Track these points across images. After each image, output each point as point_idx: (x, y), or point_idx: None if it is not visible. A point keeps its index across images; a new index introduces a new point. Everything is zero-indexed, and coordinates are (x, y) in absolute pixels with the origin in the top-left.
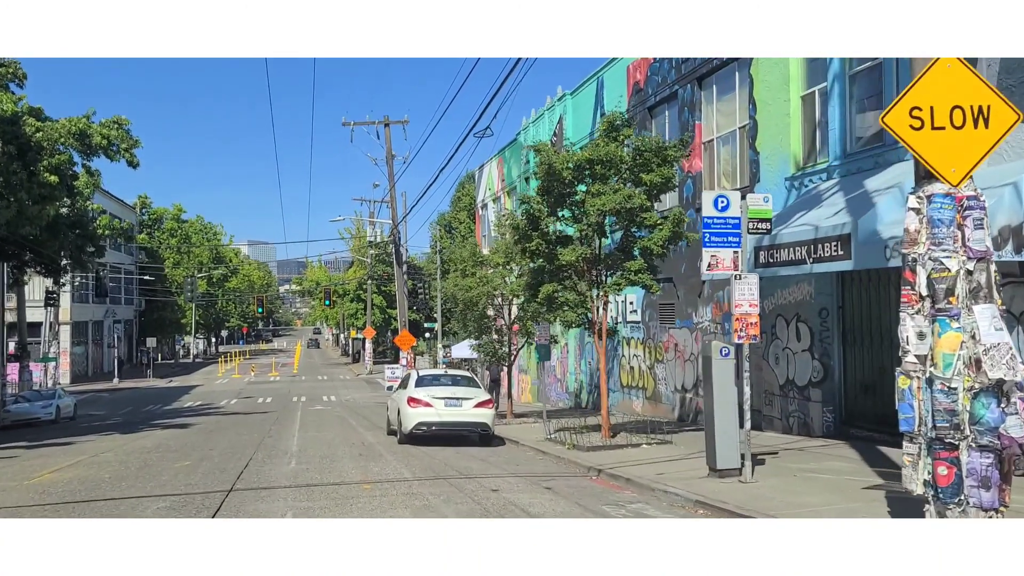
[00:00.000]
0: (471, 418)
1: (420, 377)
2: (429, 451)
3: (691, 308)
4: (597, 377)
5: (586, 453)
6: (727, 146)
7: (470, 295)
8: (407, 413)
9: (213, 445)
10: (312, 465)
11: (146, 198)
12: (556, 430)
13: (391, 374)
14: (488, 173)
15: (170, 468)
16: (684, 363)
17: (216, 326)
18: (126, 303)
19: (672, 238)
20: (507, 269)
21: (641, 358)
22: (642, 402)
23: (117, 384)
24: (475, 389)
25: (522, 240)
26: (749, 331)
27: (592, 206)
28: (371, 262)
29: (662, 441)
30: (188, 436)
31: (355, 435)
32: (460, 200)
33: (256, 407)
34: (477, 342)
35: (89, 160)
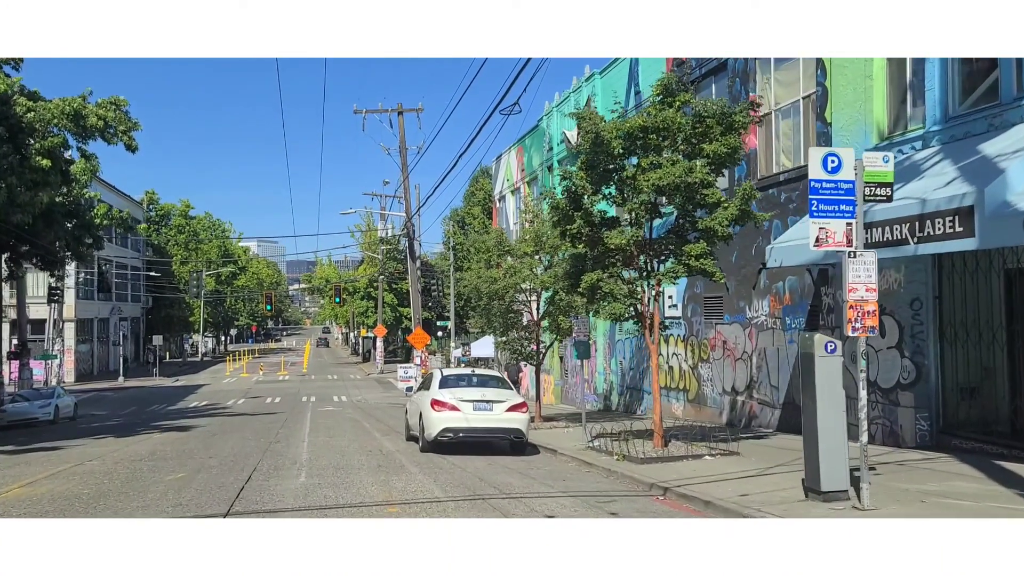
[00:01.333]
0: (503, 423)
1: (444, 377)
2: (457, 461)
3: (744, 301)
4: (629, 377)
5: (641, 466)
6: (787, 120)
7: (496, 287)
8: (431, 418)
9: (214, 452)
10: (325, 479)
11: (153, 194)
12: (595, 436)
13: (404, 373)
14: (506, 163)
15: (160, 482)
16: (735, 362)
17: (225, 324)
18: (133, 300)
19: (740, 218)
20: (536, 259)
21: (682, 357)
22: (683, 405)
23: (122, 383)
24: (506, 391)
25: (562, 222)
26: (866, 322)
27: (646, 181)
28: (382, 259)
29: (726, 451)
30: (188, 441)
31: (370, 441)
32: (474, 195)
33: (264, 408)
34: (502, 339)
35: (85, 143)
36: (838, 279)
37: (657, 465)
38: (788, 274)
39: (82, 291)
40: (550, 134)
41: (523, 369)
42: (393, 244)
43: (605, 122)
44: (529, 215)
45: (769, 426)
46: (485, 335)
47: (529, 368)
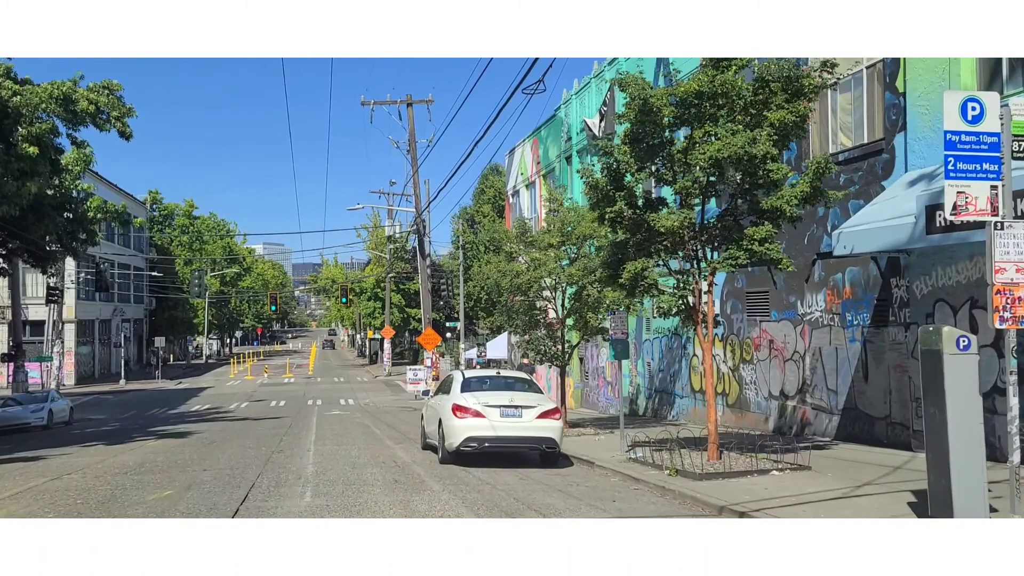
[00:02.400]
0: (534, 432)
1: (466, 379)
2: (483, 476)
3: (795, 296)
4: (659, 379)
5: (700, 483)
6: (845, 93)
7: (519, 281)
8: (452, 425)
9: (209, 463)
10: (334, 499)
11: (157, 193)
12: (632, 445)
13: (413, 376)
14: (520, 157)
15: (142, 502)
16: (784, 363)
17: (230, 326)
18: (136, 302)
19: (811, 196)
20: (562, 251)
21: (720, 358)
22: (722, 410)
23: (123, 386)
24: (536, 394)
25: (601, 203)
26: (1017, 311)
27: (702, 155)
28: (389, 258)
29: (795, 465)
30: (182, 450)
31: (383, 450)
32: (483, 192)
33: (268, 412)
34: (524, 338)
35: (76, 130)
36: (914, 269)
37: (718, 482)
38: (849, 265)
39: (83, 292)
40: (568, 123)
41: (536, 370)
42: (400, 243)
43: (654, 88)
44: (554, 204)
45: (826, 434)
46: (498, 336)
47: (545, 369)
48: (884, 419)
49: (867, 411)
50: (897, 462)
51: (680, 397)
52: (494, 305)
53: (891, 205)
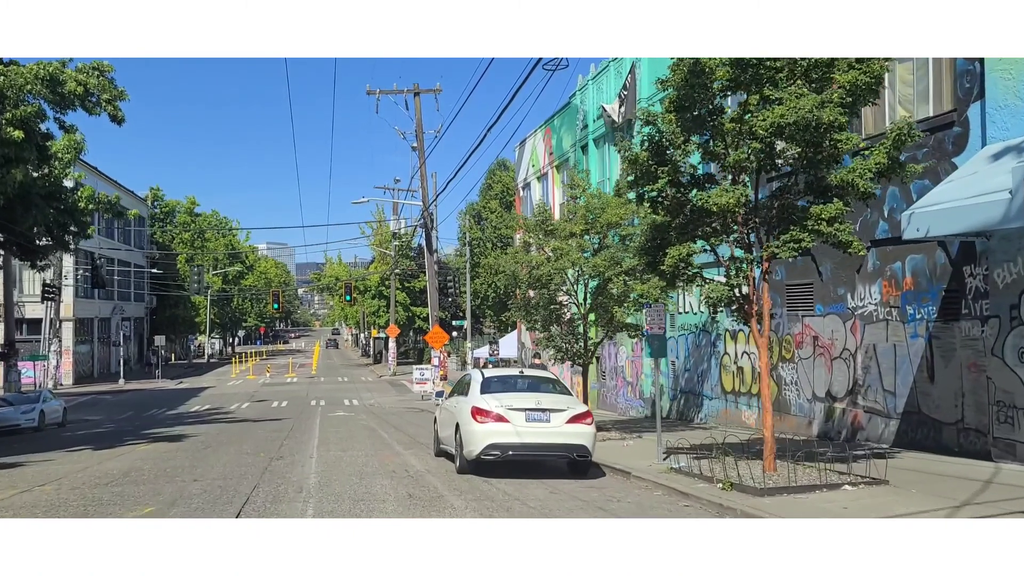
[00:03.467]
0: (564, 439)
1: (486, 380)
2: (508, 488)
3: (844, 288)
4: (685, 379)
5: (762, 500)
6: (906, 63)
7: (540, 273)
8: (472, 431)
9: (201, 472)
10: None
11: (158, 190)
12: (669, 451)
13: (420, 375)
14: (532, 148)
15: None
16: (831, 362)
17: (232, 325)
18: (136, 300)
19: (888, 169)
20: (586, 240)
21: (755, 356)
22: (757, 412)
23: (122, 386)
24: (565, 396)
25: (641, 180)
26: None
27: (762, 121)
28: (395, 255)
29: (869, 479)
30: (174, 455)
31: (392, 456)
32: (491, 188)
33: (269, 412)
34: (544, 335)
35: (64, 113)
36: (996, 254)
37: (784, 499)
38: (910, 252)
39: (81, 289)
40: (584, 110)
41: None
42: (405, 240)
43: None
44: (576, 190)
45: (882, 441)
46: (507, 333)
47: (556, 368)
48: (955, 424)
49: (933, 415)
50: (982, 475)
51: (709, 398)
52: (504, 302)
53: (973, 181)
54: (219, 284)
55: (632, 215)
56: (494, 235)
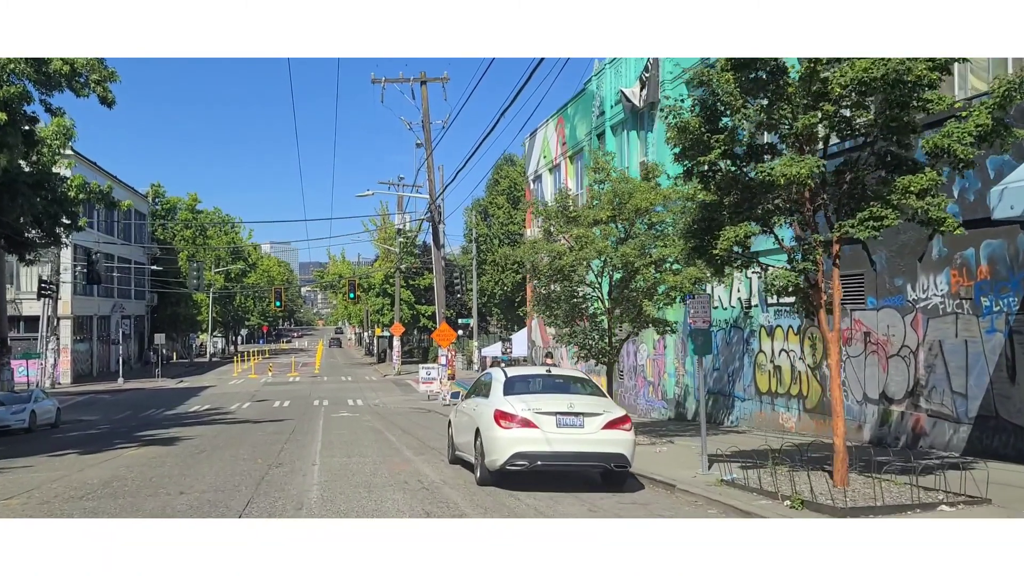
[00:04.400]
0: (600, 447)
1: (510, 379)
2: (539, 504)
3: (903, 278)
4: (713, 379)
5: (842, 523)
6: None
7: (562, 263)
8: (496, 438)
9: (191, 482)
10: None
11: (159, 186)
12: (711, 459)
13: (426, 374)
14: (542, 139)
15: None
16: (887, 360)
17: (235, 324)
18: (137, 298)
19: (991, 133)
20: (614, 228)
21: (796, 354)
22: (797, 415)
23: (121, 385)
24: (599, 398)
25: (691, 151)
26: None
27: (840, 77)
28: (399, 252)
29: (968, 498)
30: (164, 461)
31: (402, 464)
32: (497, 183)
33: (270, 413)
34: (566, 331)
35: (50, 95)
36: None
37: (873, 522)
38: (986, 237)
39: (80, 286)
40: (601, 96)
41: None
42: (410, 237)
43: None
44: (600, 174)
45: (951, 448)
46: (516, 332)
47: (570, 365)
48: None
49: (1014, 420)
50: None
51: (741, 400)
52: (513, 299)
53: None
54: (221, 282)
55: (662, 200)
56: (501, 231)
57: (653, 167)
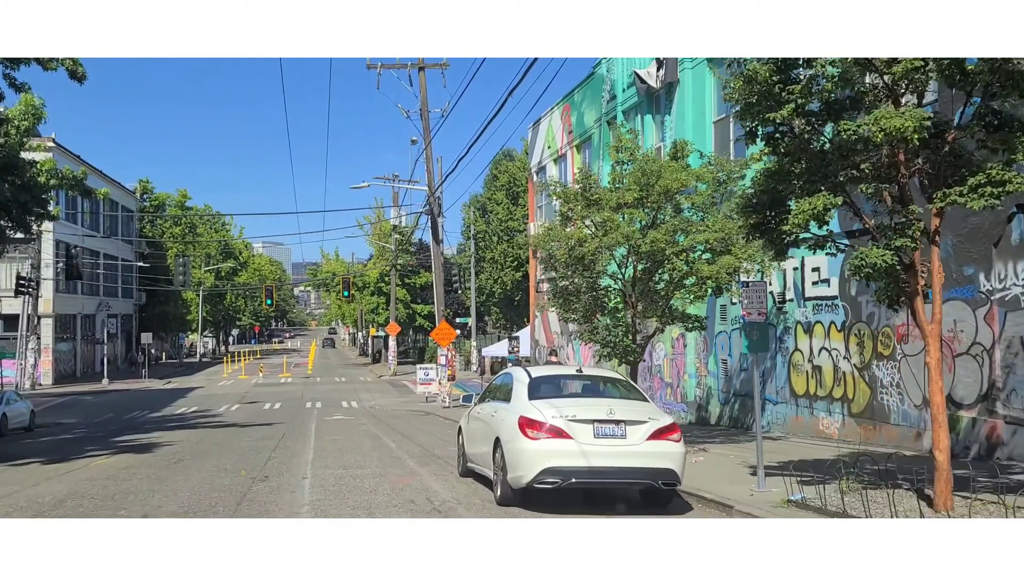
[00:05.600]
0: (645, 461)
1: (535, 380)
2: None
3: (976, 267)
4: (739, 381)
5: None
6: None
7: (584, 250)
8: (521, 450)
9: (159, 501)
10: None
11: (147, 182)
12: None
13: (424, 375)
14: (546, 129)
15: None
16: (953, 359)
17: (226, 324)
18: (124, 296)
19: None
20: (642, 212)
21: (839, 353)
22: (840, 420)
23: (106, 386)
24: (640, 402)
25: (757, 107)
26: None
27: None
28: (395, 248)
29: None
30: (135, 473)
31: (406, 477)
32: (496, 179)
33: (260, 416)
34: (586, 327)
35: (14, 69)
36: None
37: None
38: None
39: (63, 284)
40: (612, 80)
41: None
42: (406, 234)
43: None
44: (624, 154)
45: None
46: (515, 331)
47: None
48: None
49: None
50: None
51: (773, 403)
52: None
53: None
54: (211, 280)
55: (694, 181)
56: (500, 228)
57: (683, 145)
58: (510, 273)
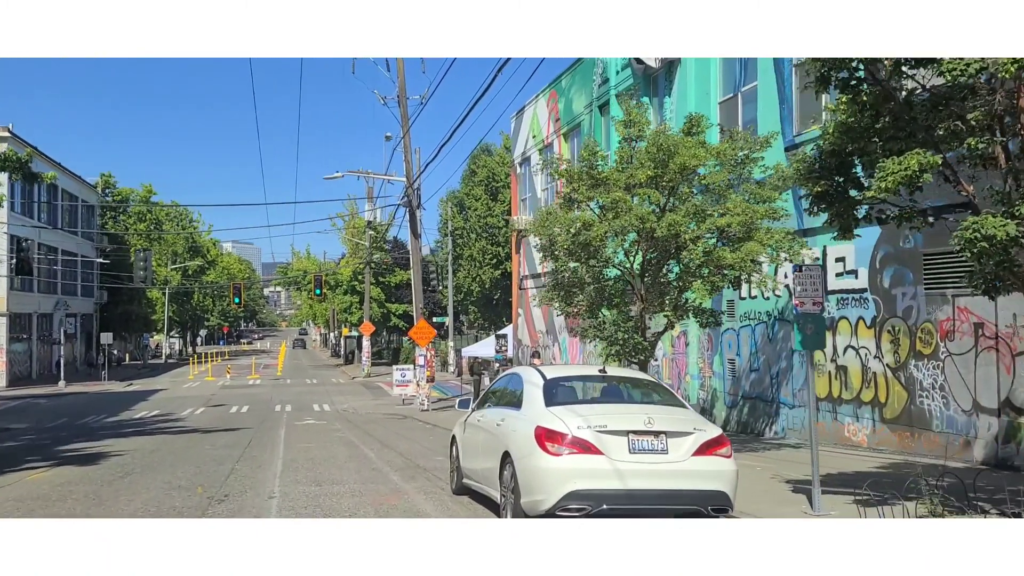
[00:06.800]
0: (693, 482)
1: (551, 382)
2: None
3: None
4: (750, 382)
5: None
6: None
7: (591, 235)
8: (540, 468)
9: None
10: None
11: (110, 177)
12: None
13: (401, 377)
14: (531, 118)
15: None
16: (1012, 358)
17: (193, 324)
18: (84, 294)
19: None
20: (656, 192)
21: (870, 351)
22: (870, 426)
23: (63, 388)
24: (680, 409)
25: None
26: None
27: None
28: (369, 245)
29: None
30: (70, 492)
31: (391, 495)
32: (474, 174)
33: (225, 420)
34: (592, 322)
35: None
36: None
37: None
38: None
39: (17, 281)
40: (603, 63)
41: None
42: (380, 231)
43: None
44: (633, 129)
45: None
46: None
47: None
48: None
49: None
50: None
51: (789, 407)
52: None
53: None
54: (178, 279)
55: (715, 158)
56: (479, 224)
57: (698, 119)
58: (489, 271)
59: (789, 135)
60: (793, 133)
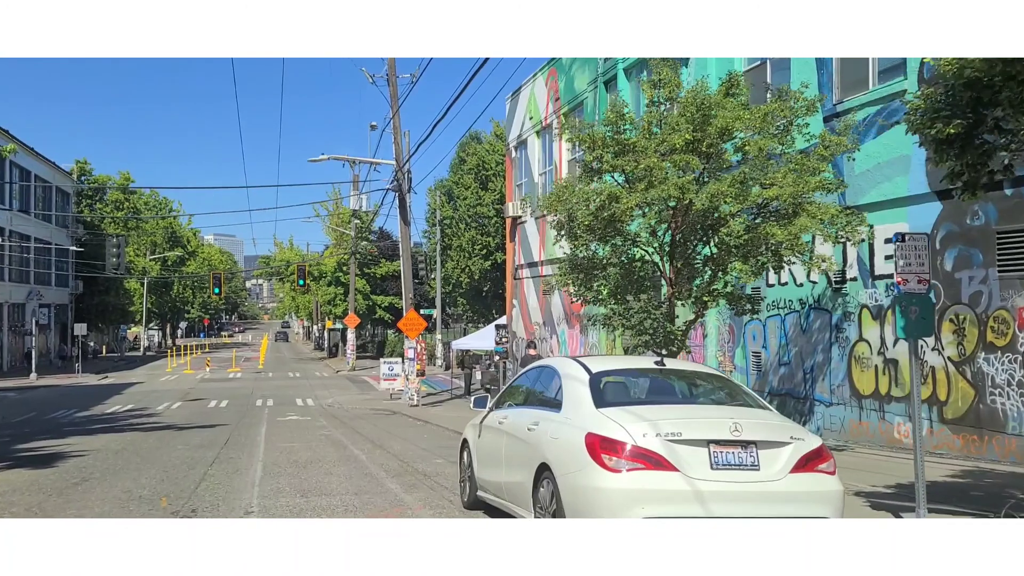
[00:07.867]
0: (792, 506)
1: (598, 376)
2: None
3: None
4: (779, 376)
5: None
6: None
7: (620, 207)
8: (596, 487)
9: None
10: None
11: (86, 163)
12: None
13: (388, 370)
14: (528, 98)
15: None
16: None
17: (173, 316)
18: (59, 284)
19: None
20: (695, 159)
21: (928, 343)
22: (926, 426)
23: (34, 381)
24: (766, 411)
25: None
26: None
27: None
28: (354, 234)
29: None
30: (16, 501)
31: (388, 505)
32: (464, 162)
33: (202, 416)
34: (619, 308)
35: None
36: None
37: None
38: None
39: None
40: None
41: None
42: (366, 221)
43: None
44: (663, 90)
45: None
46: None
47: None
48: None
49: None
50: None
51: (826, 404)
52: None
53: None
54: (157, 270)
55: (760, 121)
56: (468, 214)
57: (737, 78)
58: (478, 262)
59: (828, 104)
60: (834, 101)
